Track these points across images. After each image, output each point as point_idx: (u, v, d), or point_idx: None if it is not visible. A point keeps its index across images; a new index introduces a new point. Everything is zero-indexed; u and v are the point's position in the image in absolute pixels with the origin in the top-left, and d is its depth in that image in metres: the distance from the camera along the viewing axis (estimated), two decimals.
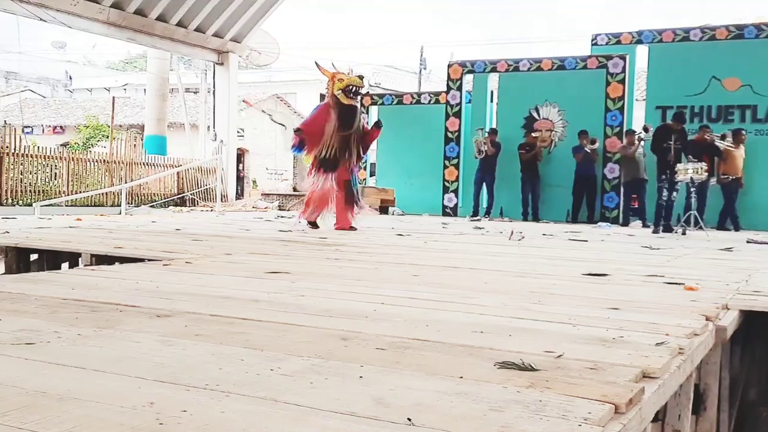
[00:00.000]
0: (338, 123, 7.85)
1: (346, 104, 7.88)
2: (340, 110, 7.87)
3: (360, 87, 7.99)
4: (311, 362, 1.78)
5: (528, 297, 3.09)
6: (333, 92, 7.95)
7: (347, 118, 7.90)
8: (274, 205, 17.24)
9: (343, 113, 7.88)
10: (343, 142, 7.89)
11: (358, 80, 7.96)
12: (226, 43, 17.60)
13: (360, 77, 8.04)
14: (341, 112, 7.88)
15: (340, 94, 7.86)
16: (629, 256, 5.91)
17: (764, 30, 12.93)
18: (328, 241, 6.33)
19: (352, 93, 7.89)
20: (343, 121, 7.87)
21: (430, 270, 4.18)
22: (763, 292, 3.52)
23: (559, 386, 1.61)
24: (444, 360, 1.86)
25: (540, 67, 14.34)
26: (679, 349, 2.12)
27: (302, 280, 3.42)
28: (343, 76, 7.96)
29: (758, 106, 12.89)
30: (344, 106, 7.88)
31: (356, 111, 8.05)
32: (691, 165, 9.81)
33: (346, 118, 7.90)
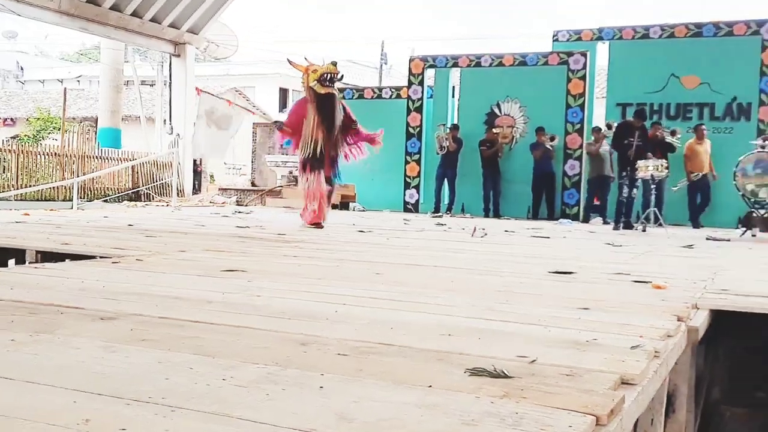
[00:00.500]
0: (318, 116, 7.58)
1: (322, 93, 7.59)
2: (318, 101, 7.59)
3: (335, 74, 7.69)
4: (267, 370, 1.64)
5: (495, 296, 2.98)
6: (308, 84, 7.66)
7: (326, 108, 7.62)
8: (232, 200, 16.95)
9: (321, 104, 7.60)
10: (326, 134, 7.63)
11: (332, 67, 7.66)
12: (182, 35, 17.24)
13: (334, 63, 7.75)
14: (319, 103, 7.60)
15: (315, 84, 7.58)
16: (593, 253, 5.87)
17: (722, 29, 13.07)
18: (287, 237, 6.17)
19: (327, 81, 7.59)
20: (323, 113, 7.59)
21: (393, 268, 4.05)
22: (731, 291, 3.47)
23: (535, 395, 1.49)
24: (411, 367, 1.73)
25: (502, 63, 14.31)
26: (655, 352, 2.03)
27: (259, 279, 3.27)
28: (317, 67, 7.68)
29: (716, 104, 13.02)
30: (321, 96, 7.59)
31: (334, 99, 7.74)
32: (651, 162, 9.85)
33: (326, 109, 7.61)
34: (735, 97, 12.90)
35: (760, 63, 12.73)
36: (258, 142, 19.21)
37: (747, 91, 12.79)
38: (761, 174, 9.14)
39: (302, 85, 7.87)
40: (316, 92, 7.59)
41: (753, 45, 12.78)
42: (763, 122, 12.64)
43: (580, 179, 13.47)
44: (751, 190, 9.22)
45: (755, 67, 12.75)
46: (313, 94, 7.63)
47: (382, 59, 32.60)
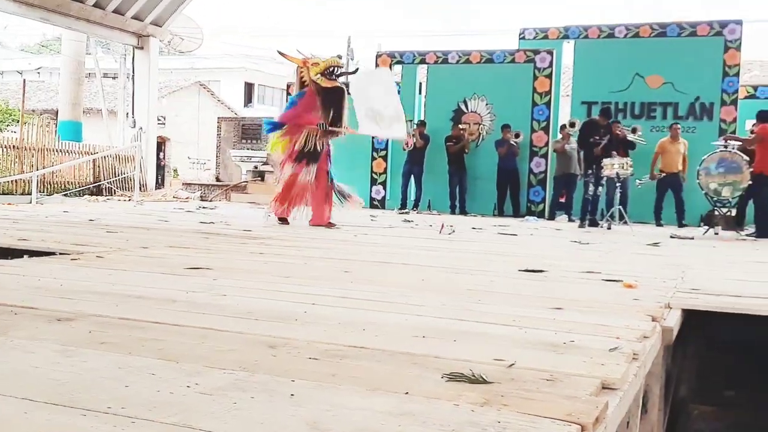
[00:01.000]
0: (325, 110, 7.32)
1: (329, 87, 7.31)
2: (324, 95, 7.31)
3: (339, 66, 7.45)
4: (235, 376, 1.55)
5: (467, 296, 2.92)
6: (311, 78, 7.33)
7: (335, 102, 7.34)
8: (196, 195, 16.71)
9: (328, 98, 7.31)
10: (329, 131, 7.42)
11: (337, 60, 7.41)
12: (146, 27, 16.93)
13: (339, 57, 7.52)
14: (326, 97, 7.31)
15: (319, 78, 7.27)
16: (560, 251, 5.85)
17: (686, 29, 13.21)
18: (253, 233, 6.05)
19: (333, 75, 7.32)
20: (330, 106, 7.32)
21: (362, 266, 3.98)
22: (702, 290, 3.46)
23: (516, 402, 1.43)
24: (386, 371, 1.66)
25: (469, 60, 14.30)
26: (634, 354, 1.98)
27: (225, 277, 3.17)
28: (318, 60, 7.39)
29: (679, 104, 13.17)
30: (328, 90, 7.31)
31: (343, 93, 7.47)
32: (617, 160, 9.91)
33: (334, 103, 7.34)
34: (698, 96, 13.06)
35: (722, 63, 12.89)
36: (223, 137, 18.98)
37: (710, 91, 12.95)
38: (724, 173, 9.25)
39: (299, 77, 7.52)
40: (320, 86, 7.29)
41: (716, 45, 12.94)
42: (725, 122, 12.81)
43: (545, 177, 13.51)
44: (714, 189, 9.32)
45: (718, 68, 12.91)
46: (317, 87, 7.33)
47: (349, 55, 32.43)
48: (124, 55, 20.00)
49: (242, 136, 18.63)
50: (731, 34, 12.87)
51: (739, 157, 9.18)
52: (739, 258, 5.79)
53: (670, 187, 11.83)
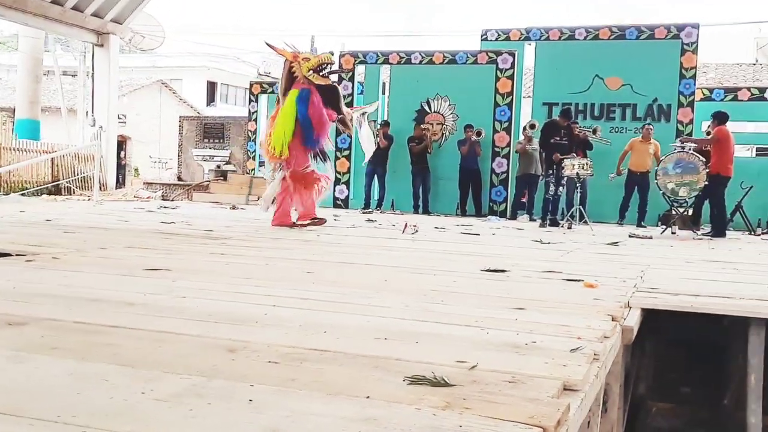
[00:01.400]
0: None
1: (323, 85, 7.07)
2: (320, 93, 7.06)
3: (332, 64, 7.27)
4: (192, 381, 1.51)
5: (430, 296, 2.91)
6: (303, 74, 7.04)
7: (331, 100, 7.12)
8: (158, 194, 16.48)
9: (324, 96, 7.07)
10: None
11: (330, 57, 7.21)
12: (106, 24, 16.65)
13: (331, 53, 7.35)
14: (321, 95, 7.06)
15: (311, 74, 7.01)
16: (523, 250, 5.89)
17: (644, 32, 13.41)
18: (215, 234, 5.98)
19: (326, 72, 7.12)
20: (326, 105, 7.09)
21: (325, 266, 3.95)
22: (660, 289, 3.50)
23: (478, 406, 1.42)
24: (347, 375, 1.64)
25: (432, 61, 14.33)
26: (594, 354, 1.99)
27: (184, 279, 3.11)
28: (309, 55, 7.18)
29: (638, 105, 13.36)
30: (322, 88, 7.07)
31: (338, 90, 7.31)
32: (577, 160, 10.01)
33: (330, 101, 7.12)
34: (656, 98, 13.26)
35: (679, 66, 13.12)
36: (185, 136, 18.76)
37: (667, 93, 13.17)
38: (681, 173, 9.39)
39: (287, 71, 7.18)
40: (313, 83, 7.05)
41: (673, 48, 13.16)
42: (682, 123, 13.04)
43: (507, 177, 13.60)
44: (671, 189, 9.46)
45: (675, 70, 13.13)
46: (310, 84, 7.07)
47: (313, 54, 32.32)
48: (83, 52, 19.65)
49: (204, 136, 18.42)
50: (688, 38, 13.09)
51: (695, 158, 9.34)
52: (696, 257, 5.88)
53: (637, 186, 11.96)
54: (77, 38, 17.67)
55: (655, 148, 11.83)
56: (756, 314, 3.22)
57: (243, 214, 10.17)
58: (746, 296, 3.38)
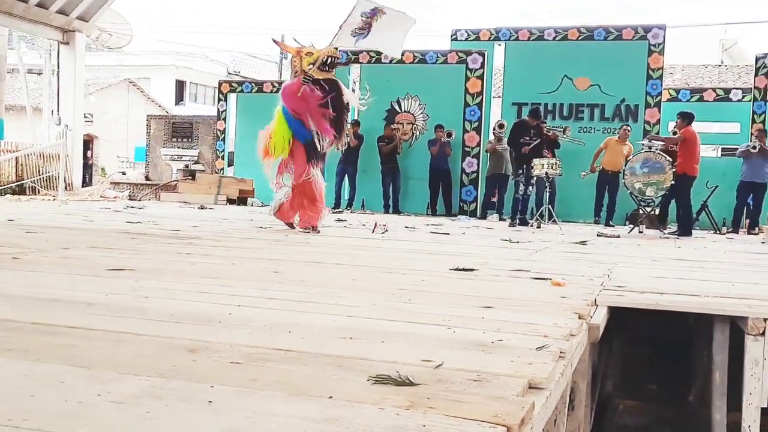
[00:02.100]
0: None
1: (322, 79, 6.87)
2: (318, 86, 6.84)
3: (337, 57, 7.05)
4: (150, 383, 1.48)
5: (398, 295, 2.89)
6: (302, 68, 6.87)
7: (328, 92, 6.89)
8: (125, 194, 16.28)
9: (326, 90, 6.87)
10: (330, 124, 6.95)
11: (333, 50, 6.99)
12: (72, 22, 16.39)
13: (335, 48, 7.08)
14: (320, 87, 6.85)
15: (311, 69, 6.82)
16: (492, 249, 5.90)
17: (612, 33, 13.53)
18: (182, 233, 5.90)
19: (327, 66, 6.91)
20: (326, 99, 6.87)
21: (293, 266, 3.91)
22: (627, 288, 3.52)
23: (443, 405, 1.40)
24: (310, 375, 1.61)
25: (402, 60, 14.30)
26: (560, 353, 1.99)
27: (148, 279, 3.06)
28: (312, 50, 6.98)
29: (606, 105, 13.49)
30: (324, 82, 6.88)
31: (338, 84, 7.07)
32: (546, 160, 10.08)
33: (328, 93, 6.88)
34: (624, 98, 13.40)
35: (646, 66, 13.26)
36: (152, 135, 18.53)
37: (635, 93, 13.31)
38: (648, 173, 9.49)
39: (292, 68, 7.08)
40: (313, 78, 6.86)
41: (640, 49, 13.30)
42: (649, 123, 13.18)
43: (478, 176, 13.64)
44: (638, 189, 9.56)
45: (642, 71, 13.28)
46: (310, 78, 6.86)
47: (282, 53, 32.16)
48: (49, 50, 19.33)
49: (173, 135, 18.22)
50: (655, 39, 13.24)
51: (662, 158, 9.45)
52: (662, 256, 5.94)
53: (608, 185, 12.01)
54: (42, 36, 17.39)
55: (629, 149, 11.94)
56: (720, 312, 3.25)
57: (211, 213, 10.07)
58: (711, 294, 3.41)
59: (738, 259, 5.94)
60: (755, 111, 12.84)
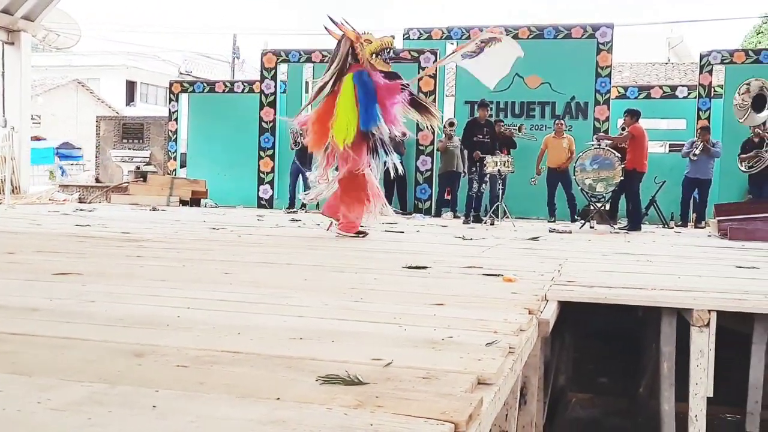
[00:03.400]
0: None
1: (385, 72, 6.42)
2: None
3: (394, 50, 6.67)
4: (93, 389, 1.45)
5: (349, 294, 2.89)
6: (366, 57, 6.34)
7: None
8: (74, 197, 15.95)
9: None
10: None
11: (391, 41, 6.57)
12: (16, 21, 15.99)
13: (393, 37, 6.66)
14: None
15: (375, 59, 6.34)
16: (445, 247, 5.93)
17: (561, 31, 13.72)
18: (132, 236, 5.81)
19: (386, 56, 6.45)
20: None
21: (244, 267, 3.88)
22: (577, 282, 3.57)
23: (391, 403, 1.40)
24: (258, 377, 1.60)
25: None
26: (510, 348, 2.01)
27: (96, 283, 3.00)
28: (370, 37, 6.49)
29: (556, 103, 13.66)
30: (384, 75, 6.41)
31: (399, 78, 6.60)
32: (498, 158, 10.17)
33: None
34: (573, 96, 13.59)
35: (595, 65, 13.48)
36: (102, 136, 18.20)
37: (584, 91, 13.51)
38: (597, 169, 9.66)
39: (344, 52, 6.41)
40: (375, 68, 6.37)
41: (589, 47, 13.51)
42: (598, 120, 13.40)
43: (432, 175, 13.71)
44: (589, 185, 9.71)
45: (591, 69, 13.49)
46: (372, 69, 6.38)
47: (234, 53, 31.89)
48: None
49: (123, 136, 17.91)
50: (603, 37, 13.46)
51: (611, 154, 9.61)
52: (612, 250, 6.04)
53: (560, 182, 12.08)
54: None
55: (569, 142, 12.05)
56: (666, 304, 3.32)
57: (163, 215, 9.93)
58: (658, 287, 3.48)
59: (684, 253, 6.07)
60: (700, 107, 13.14)
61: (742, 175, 12.44)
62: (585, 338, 4.82)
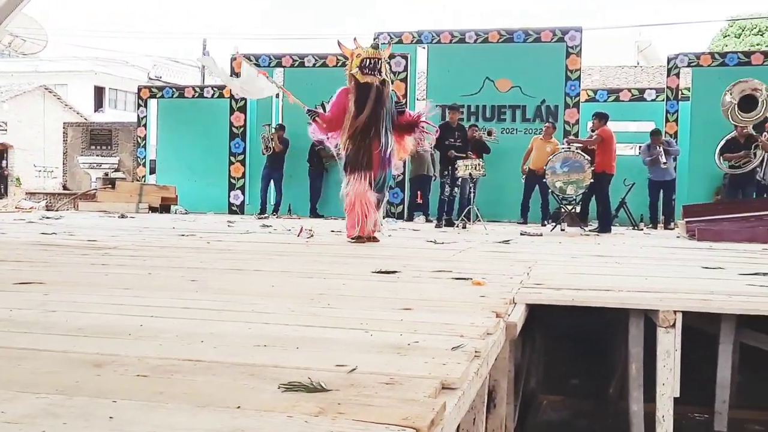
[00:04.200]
0: (356, 108, 6.51)
1: (362, 83, 6.49)
2: (357, 92, 6.52)
3: (377, 59, 6.53)
4: (49, 401, 1.42)
5: (317, 300, 2.87)
6: (350, 71, 6.60)
7: (363, 99, 6.51)
8: (41, 205, 15.73)
9: (360, 95, 6.51)
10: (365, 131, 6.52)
11: (372, 51, 6.58)
12: None
13: (374, 47, 6.67)
14: (358, 94, 6.52)
15: (356, 72, 6.50)
16: (416, 251, 5.93)
17: (531, 35, 13.82)
18: (98, 244, 5.73)
19: (367, 68, 6.48)
20: (359, 105, 6.50)
21: (212, 274, 3.84)
22: (545, 285, 3.58)
23: (353, 410, 1.39)
24: (220, 385, 1.57)
25: (325, 63, 14.30)
26: (475, 352, 2.00)
27: (58, 292, 2.95)
28: (361, 51, 6.58)
29: (527, 106, 13.76)
30: (361, 86, 6.50)
31: (371, 89, 6.50)
32: (470, 161, 10.20)
33: (362, 100, 6.50)
34: (544, 99, 13.69)
35: (564, 68, 13.59)
36: (69, 143, 17.98)
37: (554, 94, 13.62)
38: (568, 172, 9.72)
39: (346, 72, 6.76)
40: (357, 81, 6.53)
41: (558, 51, 13.62)
42: (569, 123, 13.51)
43: (404, 179, 13.72)
44: (559, 187, 9.78)
45: (561, 72, 13.60)
46: (354, 83, 6.57)
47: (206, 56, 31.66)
48: None
49: (91, 142, 17.72)
50: (572, 41, 13.58)
51: (581, 157, 9.69)
52: (582, 253, 6.08)
53: (538, 185, 12.09)
54: None
55: (554, 147, 12.09)
56: (634, 306, 3.35)
57: (131, 222, 9.82)
58: (625, 288, 3.50)
59: (652, 254, 6.13)
60: (668, 110, 13.31)
61: (712, 176, 12.63)
62: (555, 340, 4.83)
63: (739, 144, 11.19)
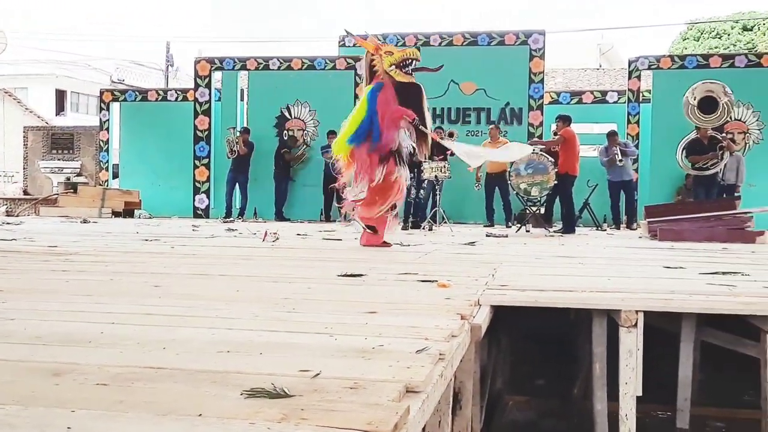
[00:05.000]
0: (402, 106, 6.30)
1: (404, 82, 6.35)
2: (399, 91, 6.33)
3: (417, 59, 6.47)
4: (4, 411, 1.39)
5: (282, 305, 2.85)
6: (384, 68, 6.32)
7: (410, 100, 6.35)
8: (1, 210, 15.43)
9: (402, 95, 6.33)
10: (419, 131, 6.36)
11: (416, 51, 6.48)
12: None
13: (418, 48, 6.51)
14: (400, 93, 6.33)
15: (393, 69, 6.30)
16: (382, 254, 5.93)
17: (495, 38, 13.92)
18: (59, 249, 5.63)
19: (409, 69, 6.37)
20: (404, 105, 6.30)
21: (176, 279, 3.79)
22: (510, 286, 3.60)
23: (316, 415, 1.38)
24: (181, 392, 1.56)
25: (290, 66, 14.26)
26: (440, 354, 2.00)
27: (16, 299, 2.89)
28: (392, 48, 6.46)
29: (491, 109, 13.86)
30: (403, 85, 6.34)
31: (420, 91, 6.45)
32: (435, 164, 10.24)
33: (410, 101, 6.34)
34: (508, 102, 13.80)
35: (528, 71, 13.72)
36: (30, 147, 17.67)
37: (518, 97, 13.74)
38: (532, 173, 9.81)
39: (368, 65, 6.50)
40: (393, 79, 6.33)
41: (522, 54, 13.75)
42: (532, 126, 13.64)
43: None
44: (524, 189, 9.86)
45: (524, 75, 13.73)
46: (391, 80, 6.34)
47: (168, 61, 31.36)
48: None
49: (52, 147, 17.43)
50: (535, 44, 13.71)
51: (545, 159, 9.78)
52: (546, 253, 6.13)
53: (498, 187, 12.17)
54: None
55: None
56: (596, 306, 3.38)
57: (94, 227, 9.68)
58: (588, 289, 3.53)
59: (615, 254, 6.20)
60: (630, 112, 13.51)
61: (673, 177, 12.84)
62: (521, 341, 4.87)
63: (702, 145, 11.39)
